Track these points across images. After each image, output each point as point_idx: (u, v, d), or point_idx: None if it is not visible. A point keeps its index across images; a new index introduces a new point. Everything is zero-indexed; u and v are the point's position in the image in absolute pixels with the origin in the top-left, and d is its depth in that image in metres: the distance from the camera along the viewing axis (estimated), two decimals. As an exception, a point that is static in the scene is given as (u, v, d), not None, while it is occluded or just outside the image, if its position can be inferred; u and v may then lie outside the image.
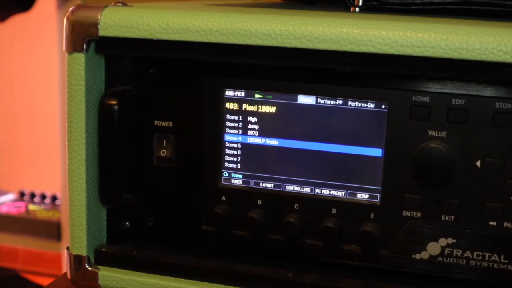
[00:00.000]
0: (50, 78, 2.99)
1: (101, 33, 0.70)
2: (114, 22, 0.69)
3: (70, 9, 0.72)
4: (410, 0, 0.82)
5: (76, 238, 0.74)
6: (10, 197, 2.33)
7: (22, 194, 2.30)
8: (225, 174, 0.72)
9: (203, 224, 0.73)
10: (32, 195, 2.28)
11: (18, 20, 1.98)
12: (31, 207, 2.19)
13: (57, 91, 1.95)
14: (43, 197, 2.27)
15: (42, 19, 2.66)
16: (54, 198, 2.25)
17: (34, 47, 3.06)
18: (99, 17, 0.70)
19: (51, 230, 2.07)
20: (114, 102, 0.70)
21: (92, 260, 0.75)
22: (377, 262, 0.69)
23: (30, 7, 1.83)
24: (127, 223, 0.76)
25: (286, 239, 0.71)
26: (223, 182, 0.73)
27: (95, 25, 0.70)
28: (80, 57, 0.70)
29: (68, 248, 0.75)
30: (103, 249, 0.75)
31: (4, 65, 3.15)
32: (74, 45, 0.70)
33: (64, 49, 0.71)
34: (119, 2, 0.73)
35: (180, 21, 0.68)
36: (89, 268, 0.74)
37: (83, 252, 0.74)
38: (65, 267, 1.91)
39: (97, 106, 0.72)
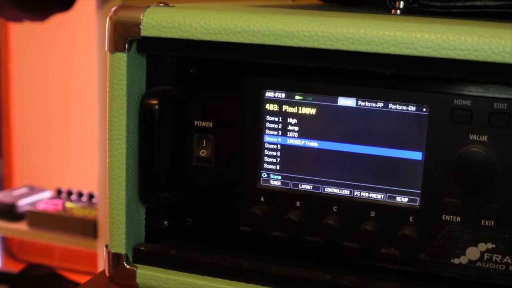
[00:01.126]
0: (89, 77, 3.01)
1: (143, 33, 0.70)
2: (156, 22, 0.70)
3: (113, 9, 0.72)
4: (452, 3, 0.81)
5: (115, 236, 0.74)
6: (47, 194, 2.35)
7: (59, 192, 2.32)
8: (264, 175, 0.72)
9: (241, 225, 0.73)
10: (69, 193, 2.30)
11: (58, 19, 2.00)
12: (68, 204, 2.21)
13: (95, 89, 1.96)
14: (80, 195, 2.28)
15: (82, 18, 2.68)
16: (90, 196, 2.27)
17: (74, 46, 3.08)
18: (142, 17, 0.70)
19: (88, 228, 2.09)
20: (155, 102, 0.71)
21: (131, 259, 0.75)
22: (415, 266, 0.69)
23: (70, 6, 1.85)
24: (165, 222, 0.77)
25: (324, 241, 0.71)
26: (262, 183, 0.73)
27: (137, 25, 0.70)
28: (122, 57, 0.71)
29: (107, 246, 0.75)
30: (142, 248, 0.75)
31: (43, 63, 3.18)
32: (116, 45, 0.71)
33: (106, 48, 0.72)
34: (161, 2, 0.73)
35: (222, 22, 0.68)
36: (127, 266, 0.75)
37: (122, 250, 0.74)
38: (102, 265, 1.92)
39: (138, 106, 0.72)
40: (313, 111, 0.70)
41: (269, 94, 0.71)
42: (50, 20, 1.96)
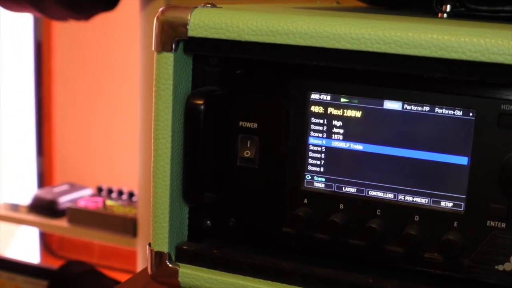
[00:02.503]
0: (131, 75, 3.03)
1: (190, 33, 0.71)
2: (203, 23, 0.70)
3: (160, 9, 0.73)
4: (500, 7, 0.81)
5: (158, 235, 0.75)
6: (88, 192, 2.37)
7: (100, 190, 2.34)
8: (308, 177, 0.72)
9: (284, 226, 0.74)
10: (110, 191, 2.32)
11: (100, 19, 2.02)
12: (109, 202, 2.23)
13: (138, 88, 1.97)
14: (120, 193, 2.30)
15: (125, 18, 2.70)
16: (131, 195, 2.28)
17: (116, 45, 3.11)
18: (189, 18, 0.71)
19: (127, 226, 2.10)
20: (201, 102, 0.71)
21: (173, 257, 0.76)
22: (459, 271, 0.69)
23: (115, 6, 1.86)
24: (208, 222, 0.77)
25: (367, 244, 0.71)
26: (305, 185, 0.73)
27: (184, 25, 0.71)
28: (169, 57, 0.71)
29: (150, 245, 0.76)
30: (184, 247, 0.76)
31: (85, 62, 3.21)
32: (163, 45, 0.71)
33: (153, 48, 0.72)
34: (208, 3, 0.74)
35: (269, 24, 0.68)
36: (170, 265, 0.75)
37: (165, 249, 0.75)
38: (141, 263, 1.94)
39: (183, 105, 0.73)
40: (358, 113, 0.70)
41: (315, 96, 0.71)
42: (93, 19, 1.98)
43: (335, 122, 0.71)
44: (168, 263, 0.75)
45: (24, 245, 2.47)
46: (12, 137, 2.36)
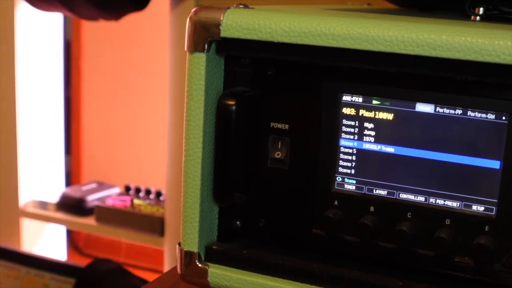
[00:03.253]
0: (160, 75, 3.04)
1: (223, 34, 0.71)
2: (236, 24, 0.70)
3: (193, 9, 0.73)
4: (533, 10, 0.80)
5: (188, 235, 0.75)
6: (116, 190, 2.38)
7: (127, 189, 2.35)
8: (338, 179, 0.72)
9: (314, 228, 0.73)
10: (138, 190, 2.33)
11: (128, 18, 2.03)
12: (136, 201, 2.24)
13: (166, 88, 1.98)
14: (148, 192, 2.31)
15: (154, 18, 2.71)
16: (158, 194, 2.29)
17: (144, 45, 3.12)
18: (222, 18, 0.71)
19: (155, 225, 2.11)
20: (232, 103, 0.71)
21: (203, 257, 0.76)
22: (489, 276, 0.68)
23: (145, 6, 1.87)
24: (238, 222, 0.77)
25: (397, 247, 0.70)
26: (336, 187, 0.72)
27: (217, 26, 0.71)
28: (201, 57, 0.72)
29: (179, 244, 0.76)
30: (214, 247, 0.76)
31: (115, 62, 3.23)
32: (195, 45, 0.72)
33: (185, 48, 0.73)
34: (241, 4, 0.74)
35: (302, 25, 0.68)
36: (199, 265, 0.75)
37: (194, 249, 0.75)
38: (168, 262, 1.94)
39: (215, 106, 0.73)
40: (390, 116, 0.70)
41: (346, 98, 0.71)
42: (124, 20, 1.99)
43: (366, 124, 0.71)
44: (197, 263, 0.75)
45: (51, 242, 2.48)
46: (41, 135, 2.38)
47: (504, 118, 0.66)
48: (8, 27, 2.20)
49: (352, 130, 0.71)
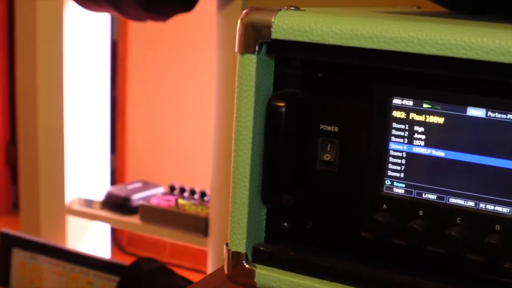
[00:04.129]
0: (206, 76, 3.06)
1: (274, 35, 0.71)
2: (287, 26, 0.70)
3: (244, 11, 0.73)
4: None
5: (236, 235, 0.75)
6: (160, 190, 2.40)
7: (172, 188, 2.36)
8: (387, 182, 0.72)
9: (362, 231, 0.73)
10: (182, 190, 2.34)
11: (176, 19, 2.04)
12: (181, 201, 2.25)
13: (211, 88, 1.99)
14: (192, 192, 2.32)
15: (200, 18, 2.73)
16: (203, 194, 2.30)
17: (190, 45, 3.13)
18: (273, 20, 0.71)
19: (199, 225, 2.12)
20: (282, 104, 0.71)
21: (250, 258, 0.76)
22: (541, 283, 0.67)
23: (192, 7, 1.88)
24: (285, 224, 0.77)
25: (446, 252, 0.70)
26: (385, 190, 0.72)
27: (268, 27, 0.71)
28: (252, 59, 0.72)
29: (227, 244, 0.77)
30: (261, 248, 0.76)
31: (161, 62, 3.25)
32: (246, 47, 0.72)
33: (236, 50, 0.73)
34: (292, 6, 0.74)
35: (353, 27, 0.68)
36: (247, 266, 0.76)
37: (242, 249, 0.75)
38: (211, 263, 1.95)
39: (264, 107, 0.73)
40: (440, 120, 0.69)
41: (397, 101, 0.71)
42: (171, 20, 2.00)
43: (416, 128, 0.70)
44: (245, 264, 0.76)
45: (96, 240, 2.51)
46: (88, 134, 2.40)
47: (557, 123, 0.65)
48: (56, 27, 2.23)
49: (402, 133, 0.71)
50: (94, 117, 2.43)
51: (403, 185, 0.71)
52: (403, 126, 0.71)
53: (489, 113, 0.67)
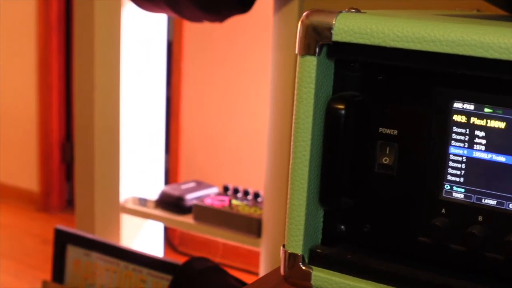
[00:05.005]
0: (260, 77, 3.06)
1: (335, 38, 0.71)
2: (348, 28, 0.70)
3: (305, 13, 0.73)
4: None
5: (293, 237, 0.75)
6: (214, 190, 2.41)
7: (226, 189, 2.37)
8: (446, 186, 0.71)
9: (420, 235, 0.73)
10: (236, 191, 2.35)
11: (232, 20, 2.05)
12: (234, 202, 2.26)
13: (265, 90, 1.99)
14: (246, 193, 2.32)
15: (255, 19, 2.73)
16: (256, 195, 2.30)
17: (245, 46, 3.14)
18: (334, 22, 0.71)
19: (252, 226, 2.12)
20: (342, 107, 0.71)
21: (306, 260, 0.76)
22: None
23: (249, 8, 1.88)
24: (342, 226, 0.77)
25: (506, 259, 0.69)
26: (444, 195, 0.72)
27: (329, 29, 0.71)
28: (312, 60, 0.72)
29: (284, 246, 0.77)
30: (318, 250, 0.76)
31: (215, 63, 3.26)
32: (307, 49, 0.72)
33: (296, 51, 0.73)
34: (353, 8, 0.74)
35: (415, 30, 0.67)
36: (303, 268, 0.76)
37: (299, 251, 0.75)
38: (264, 264, 1.94)
39: (324, 109, 0.73)
40: (502, 124, 0.68)
41: (458, 105, 0.70)
42: (227, 21, 2.01)
43: (477, 132, 0.70)
44: (301, 266, 0.76)
45: (149, 239, 2.53)
46: (143, 134, 2.42)
47: None
48: (114, 27, 2.25)
49: (462, 137, 0.70)
50: (150, 116, 2.45)
51: (463, 190, 0.71)
52: (463, 131, 0.70)
53: (552, 119, 0.66)
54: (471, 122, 0.70)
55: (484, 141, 0.69)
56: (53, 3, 3.94)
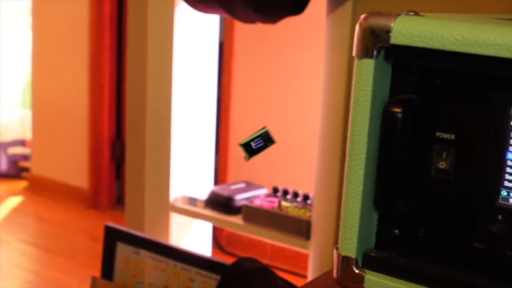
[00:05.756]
0: (310, 78, 3.06)
1: (393, 40, 0.71)
2: (407, 31, 0.70)
3: (363, 15, 0.73)
4: None
5: (347, 240, 0.75)
6: (263, 191, 2.41)
7: (275, 190, 2.37)
8: (503, 192, 0.70)
9: (475, 241, 0.72)
10: (285, 192, 2.34)
11: (283, 22, 2.04)
12: (284, 203, 2.25)
13: (315, 91, 1.99)
14: (295, 195, 2.32)
15: (308, 21, 2.73)
16: (306, 197, 2.30)
17: (296, 47, 3.14)
18: (392, 25, 0.71)
19: (301, 228, 2.12)
20: (399, 110, 0.71)
21: (360, 263, 0.76)
22: None
23: (302, 10, 1.88)
24: (396, 230, 0.77)
25: None
26: (500, 201, 0.71)
27: (387, 32, 0.71)
28: (370, 63, 0.72)
29: (337, 248, 0.76)
30: (372, 254, 0.76)
31: (265, 64, 3.27)
32: (364, 51, 0.72)
33: (353, 54, 0.73)
34: (411, 11, 0.73)
35: (475, 34, 0.67)
36: (356, 271, 0.75)
37: (352, 254, 0.75)
38: (312, 266, 1.93)
39: (380, 112, 0.73)
40: (562, 131, 0.67)
41: (517, 110, 0.69)
42: (280, 23, 2.01)
43: (536, 138, 0.69)
44: (354, 269, 0.75)
45: (197, 238, 2.54)
46: (194, 133, 2.43)
47: None
48: (167, 27, 2.26)
49: (521, 143, 0.69)
50: (200, 116, 2.46)
51: (520, 196, 0.70)
52: (522, 136, 0.69)
53: None
54: (530, 127, 0.69)
55: (543, 147, 0.68)
56: (106, 3, 3.98)
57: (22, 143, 4.73)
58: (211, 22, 2.43)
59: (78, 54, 4.07)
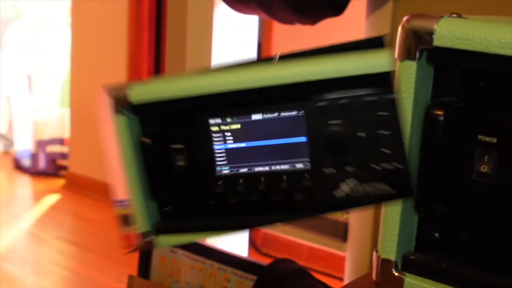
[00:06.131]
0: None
1: (436, 43, 0.70)
2: (450, 33, 0.69)
3: (405, 17, 0.73)
4: None
5: (387, 242, 0.75)
6: (300, 192, 2.40)
7: (312, 191, 2.37)
8: (546, 197, 0.70)
9: (515, 246, 0.71)
10: (322, 194, 2.34)
11: (323, 23, 2.04)
12: (321, 205, 2.25)
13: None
14: (332, 196, 2.32)
15: (344, 22, 2.72)
16: (343, 199, 2.29)
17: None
18: (435, 27, 0.70)
19: (338, 230, 2.11)
20: (441, 113, 0.71)
21: (399, 266, 0.75)
22: None
23: (342, 11, 1.88)
24: (437, 234, 0.76)
25: None
26: (543, 205, 0.70)
27: (430, 34, 0.70)
28: (412, 65, 0.71)
29: (376, 251, 0.76)
30: (411, 257, 0.75)
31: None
32: (407, 53, 0.71)
33: (395, 56, 0.73)
34: (454, 13, 0.73)
35: (519, 37, 0.66)
36: (396, 274, 0.75)
37: (392, 257, 0.75)
38: (349, 269, 1.93)
39: (422, 115, 0.72)
40: None
41: (561, 114, 0.68)
42: (319, 24, 2.00)
43: None
44: (394, 272, 0.75)
45: (234, 239, 2.55)
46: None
47: None
48: (206, 27, 2.27)
49: None
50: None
51: (561, 203, 0.69)
52: (553, 141, 0.68)
53: None
54: None
55: None
56: (144, 3, 4.00)
57: (60, 141, 4.78)
58: (250, 22, 2.44)
59: (117, 53, 4.10)
